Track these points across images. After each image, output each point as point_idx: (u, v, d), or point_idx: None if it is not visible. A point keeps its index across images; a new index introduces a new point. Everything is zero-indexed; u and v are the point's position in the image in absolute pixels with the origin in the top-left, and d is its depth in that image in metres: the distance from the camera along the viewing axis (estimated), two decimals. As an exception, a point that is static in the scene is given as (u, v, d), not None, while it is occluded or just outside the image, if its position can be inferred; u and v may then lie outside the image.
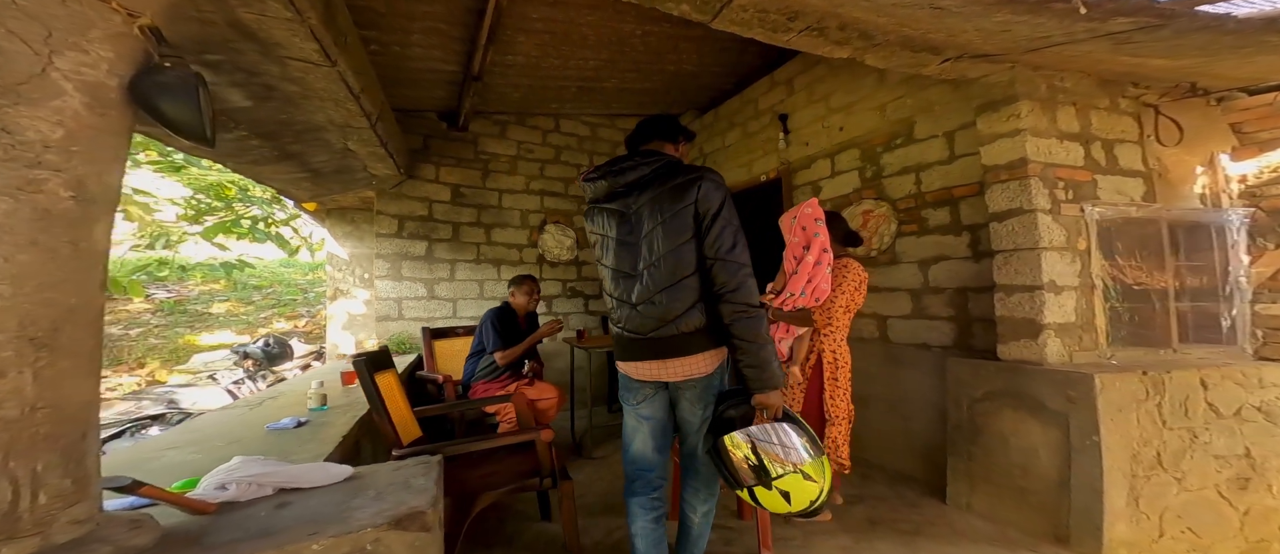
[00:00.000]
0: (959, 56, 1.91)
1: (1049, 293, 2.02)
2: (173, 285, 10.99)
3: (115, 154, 0.90)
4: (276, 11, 1.64)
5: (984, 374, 2.18)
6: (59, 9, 0.81)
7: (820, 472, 1.33)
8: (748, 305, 1.34)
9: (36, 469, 0.76)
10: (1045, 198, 2.05)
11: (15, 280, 0.76)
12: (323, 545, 0.87)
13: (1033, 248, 2.05)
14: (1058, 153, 2.09)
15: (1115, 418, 1.83)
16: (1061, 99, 2.11)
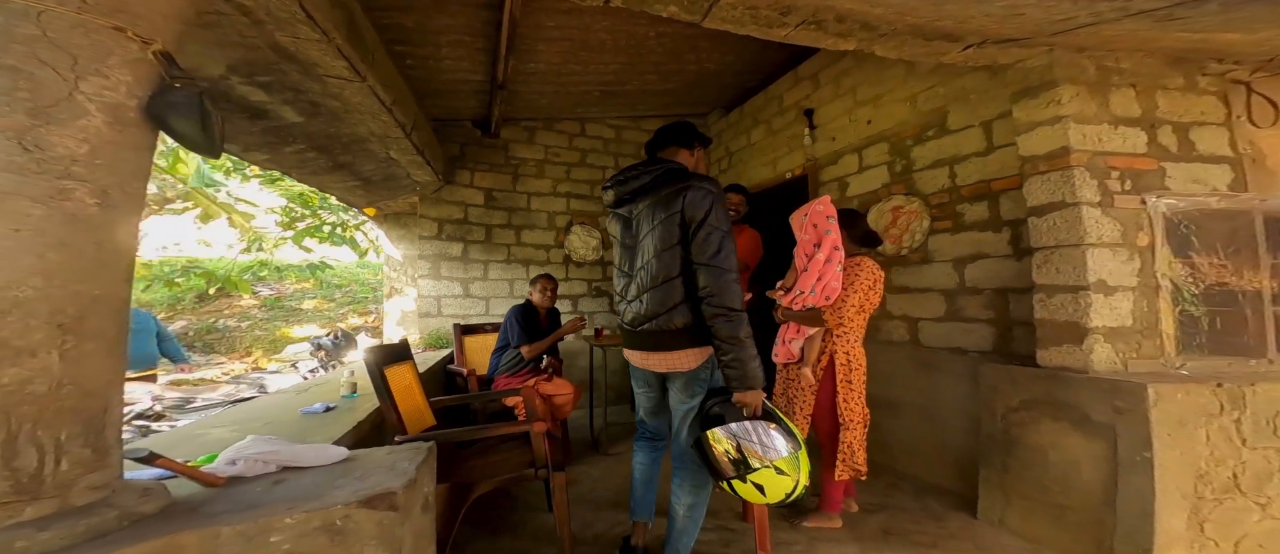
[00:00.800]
0: (981, 43, 1.75)
1: (1096, 294, 1.79)
2: (273, 284, 12.23)
3: (136, 165, 1.01)
4: (306, 34, 1.77)
5: (1021, 381, 1.97)
6: (83, 39, 0.91)
7: (794, 466, 1.38)
8: (728, 308, 1.41)
9: (60, 439, 0.86)
10: (1092, 189, 1.82)
11: (46, 275, 0.87)
12: (296, 519, 0.92)
13: (1077, 244, 1.83)
14: (1111, 140, 1.85)
15: (1175, 433, 1.59)
16: (1116, 81, 1.86)
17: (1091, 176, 1.82)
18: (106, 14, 0.94)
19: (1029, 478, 1.93)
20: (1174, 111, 1.91)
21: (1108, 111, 1.85)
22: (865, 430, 2.15)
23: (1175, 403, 1.60)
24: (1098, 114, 1.84)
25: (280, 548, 0.91)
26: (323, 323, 11.06)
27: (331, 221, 8.56)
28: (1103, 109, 1.85)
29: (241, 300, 11.46)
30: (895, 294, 2.84)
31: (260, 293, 11.80)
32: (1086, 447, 1.74)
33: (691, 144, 1.69)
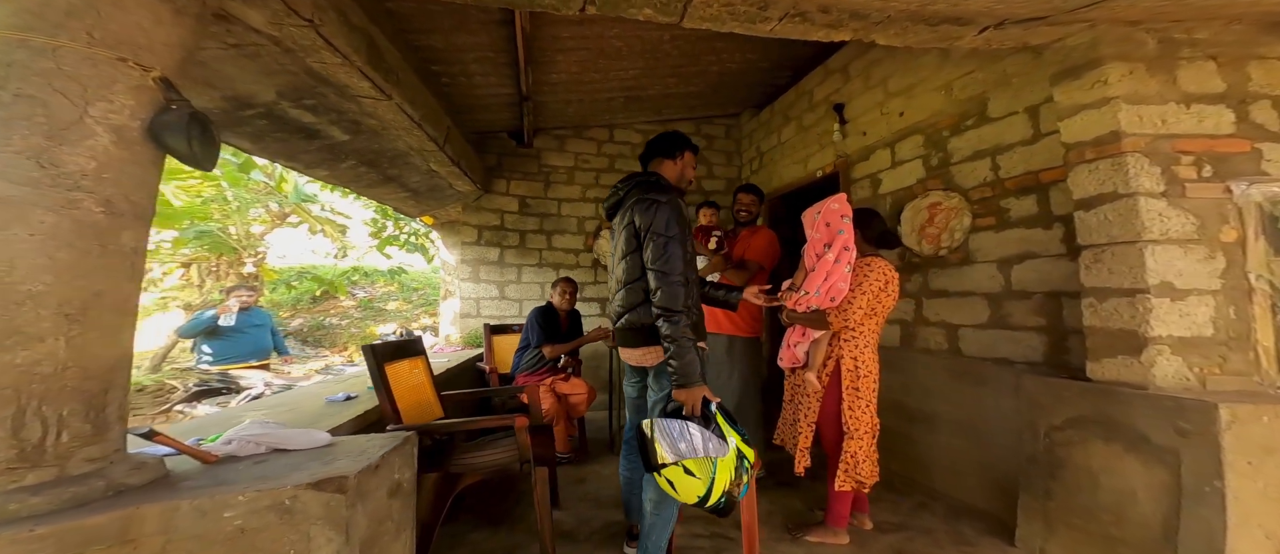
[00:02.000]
0: (999, 24, 1.51)
1: (1160, 298, 1.49)
2: (366, 287, 13.55)
3: (139, 179, 1.12)
4: (329, 59, 1.90)
5: (1067, 396, 1.68)
6: (91, 70, 1.03)
7: (706, 470, 1.36)
8: (668, 309, 1.49)
9: (62, 414, 0.97)
10: (1154, 178, 1.51)
11: (56, 272, 0.98)
12: (248, 497, 0.98)
13: (1133, 241, 1.53)
14: (1180, 120, 1.53)
15: (1259, 461, 1.28)
16: (1188, 54, 1.54)
17: (1152, 163, 1.51)
18: (111, 47, 1.05)
19: (1075, 505, 1.63)
20: (1276, 84, 1.53)
21: (1175, 89, 1.53)
22: (873, 441, 1.94)
23: (1259, 426, 1.28)
24: (1161, 93, 1.53)
25: (232, 523, 0.96)
26: (401, 322, 12.06)
27: (408, 231, 9.33)
28: (1168, 86, 1.53)
29: (342, 302, 12.78)
30: (933, 298, 2.54)
31: (356, 295, 13.09)
32: (1144, 473, 1.44)
33: (673, 153, 1.79)
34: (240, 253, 7.79)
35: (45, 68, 0.99)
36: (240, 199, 7.64)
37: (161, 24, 1.12)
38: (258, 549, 0.96)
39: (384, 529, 1.22)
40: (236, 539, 0.95)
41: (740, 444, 1.41)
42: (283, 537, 0.98)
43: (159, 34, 1.12)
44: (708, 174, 4.84)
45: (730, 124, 4.89)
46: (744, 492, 1.42)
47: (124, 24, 1.07)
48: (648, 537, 1.60)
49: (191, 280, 8.13)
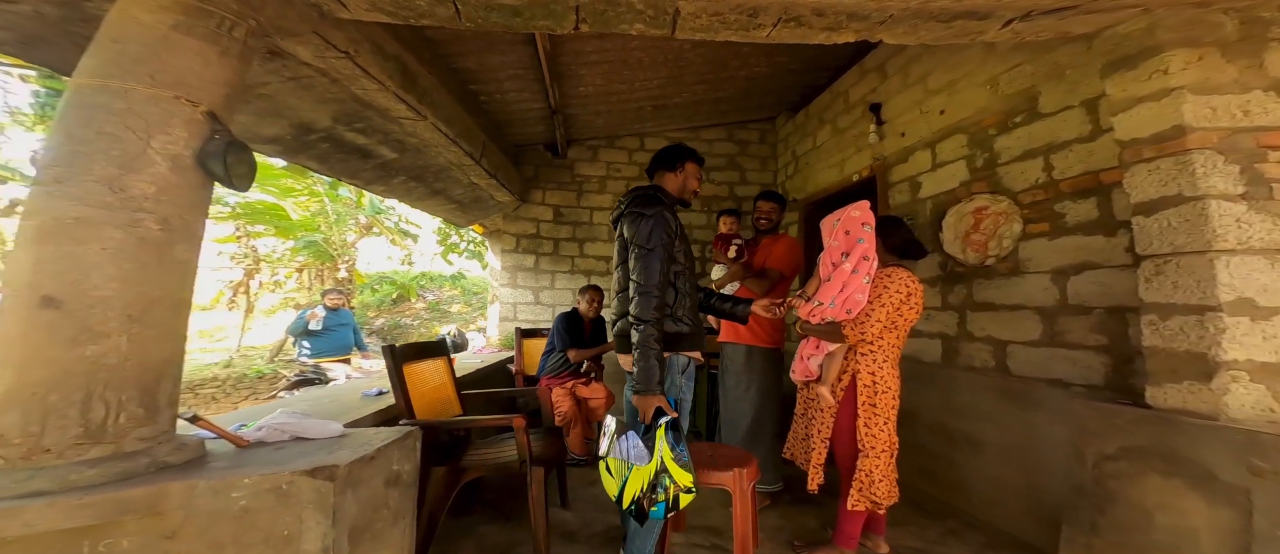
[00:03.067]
0: (1025, 16, 1.35)
1: (1237, 316, 1.26)
2: (435, 291, 14.63)
3: (192, 200, 1.29)
4: (369, 85, 2.09)
5: (1121, 423, 1.47)
6: (154, 108, 1.21)
7: (621, 471, 1.41)
8: (638, 318, 1.53)
9: (122, 400, 1.14)
10: (1228, 178, 1.29)
11: (121, 280, 1.15)
12: (252, 480, 1.09)
13: (1203, 251, 1.31)
14: (1270, 111, 1.29)
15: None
16: (1278, 33, 1.29)
17: (1228, 161, 1.28)
18: (170, 87, 1.23)
19: (1127, 544, 1.41)
20: None
21: (1262, 75, 1.29)
22: (892, 459, 1.80)
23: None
24: (1241, 80, 1.30)
25: (238, 503, 1.08)
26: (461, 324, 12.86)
27: (469, 240, 9.97)
28: (1252, 73, 1.30)
29: (414, 304, 13.87)
30: (979, 312, 2.31)
31: (426, 298, 14.16)
32: (1208, 513, 1.22)
33: (674, 165, 1.82)
34: (335, 260, 8.72)
35: (119, 108, 1.18)
36: (335, 212, 8.56)
37: (209, 65, 1.30)
38: (258, 527, 1.07)
39: (379, 516, 1.31)
40: (241, 517, 1.07)
41: (670, 465, 1.36)
42: (279, 517, 1.08)
43: (207, 74, 1.29)
44: (741, 180, 4.73)
45: (765, 129, 4.75)
46: (659, 511, 1.36)
47: (178, 67, 1.24)
48: (631, 542, 1.60)
49: (304, 283, 9.24)
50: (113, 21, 1.26)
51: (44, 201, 1.11)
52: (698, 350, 1.77)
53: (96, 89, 1.19)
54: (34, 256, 1.07)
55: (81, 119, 1.16)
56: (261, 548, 1.11)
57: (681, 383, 1.71)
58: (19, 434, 1.01)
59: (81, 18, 1.48)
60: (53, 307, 1.05)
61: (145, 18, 1.25)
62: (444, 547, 1.97)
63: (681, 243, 1.72)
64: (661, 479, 1.40)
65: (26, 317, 1.04)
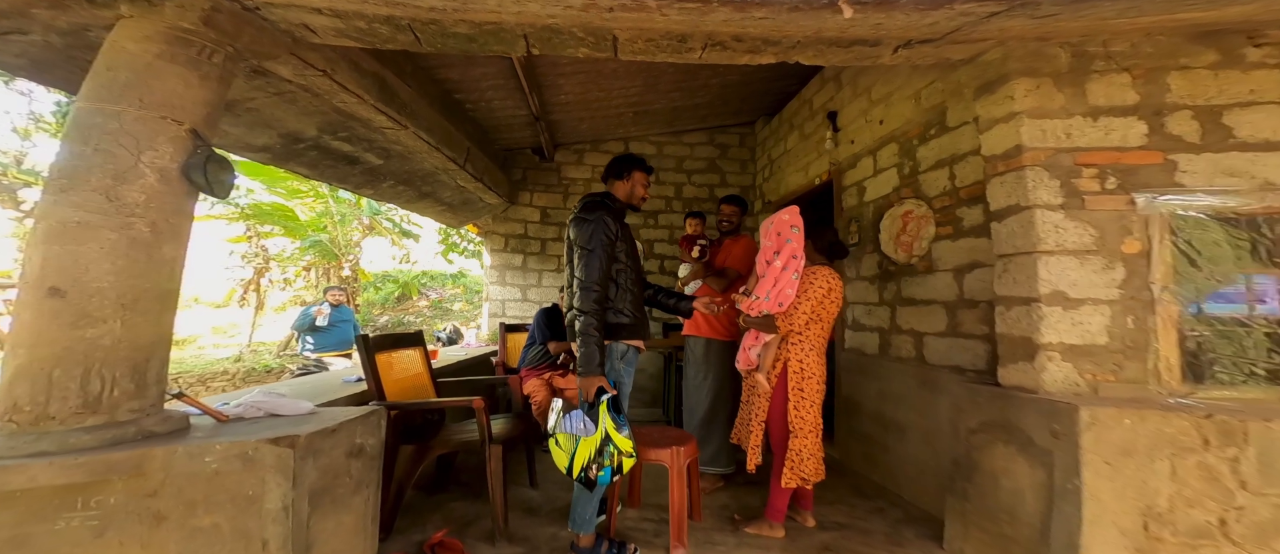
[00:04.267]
0: (907, 44, 1.51)
1: (1052, 306, 1.45)
2: (437, 289, 14.81)
3: (176, 206, 1.47)
4: (348, 99, 2.26)
5: (980, 401, 1.65)
6: (143, 127, 1.38)
7: (569, 444, 1.60)
8: (580, 310, 1.71)
9: (115, 376, 1.31)
10: (1052, 190, 1.48)
11: (116, 274, 1.33)
12: (223, 447, 1.26)
13: (1030, 252, 1.50)
14: (1086, 133, 1.48)
15: (1116, 462, 1.25)
16: (1101, 67, 1.48)
17: (1052, 176, 1.46)
18: (157, 108, 1.40)
19: (985, 506, 1.60)
20: (1196, 93, 1.43)
21: (1083, 102, 1.46)
22: (818, 438, 1.96)
23: (1120, 429, 1.23)
24: (1067, 106, 1.47)
25: (210, 466, 1.25)
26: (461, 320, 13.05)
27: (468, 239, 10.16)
28: (1076, 100, 1.48)
29: (417, 302, 14.07)
30: (904, 307, 2.46)
31: (428, 296, 14.35)
32: (1030, 474, 1.41)
33: (622, 174, 2.00)
34: (340, 259, 8.94)
35: (113, 128, 1.35)
36: (339, 213, 8.77)
37: (191, 88, 1.47)
38: (226, 488, 1.25)
39: (340, 483, 1.49)
40: (212, 479, 1.24)
41: (613, 434, 1.53)
42: (246, 479, 1.26)
43: (189, 95, 1.47)
44: (722, 182, 4.87)
45: (744, 132, 4.89)
46: (606, 476, 1.54)
47: (164, 90, 1.41)
48: (574, 507, 1.78)
49: (311, 282, 9.48)
50: (106, 51, 1.43)
51: (51, 207, 1.28)
52: (639, 339, 1.93)
53: (94, 111, 1.36)
54: (42, 254, 1.24)
55: (82, 137, 1.34)
56: (229, 506, 1.28)
57: (621, 367, 1.87)
58: (29, 403, 1.19)
59: (84, 46, 1.65)
60: (58, 296, 1.23)
61: (133, 48, 1.43)
62: (414, 518, 2.15)
63: (623, 243, 1.88)
64: (607, 447, 1.60)
65: (36, 304, 1.22)
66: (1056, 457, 1.34)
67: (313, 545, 1.40)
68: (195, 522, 1.28)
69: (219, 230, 8.35)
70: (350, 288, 8.64)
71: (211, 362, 7.87)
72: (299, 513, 1.34)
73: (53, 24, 1.57)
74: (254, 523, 1.31)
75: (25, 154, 6.35)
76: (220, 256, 8.69)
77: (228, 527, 1.30)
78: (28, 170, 6.05)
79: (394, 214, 9.93)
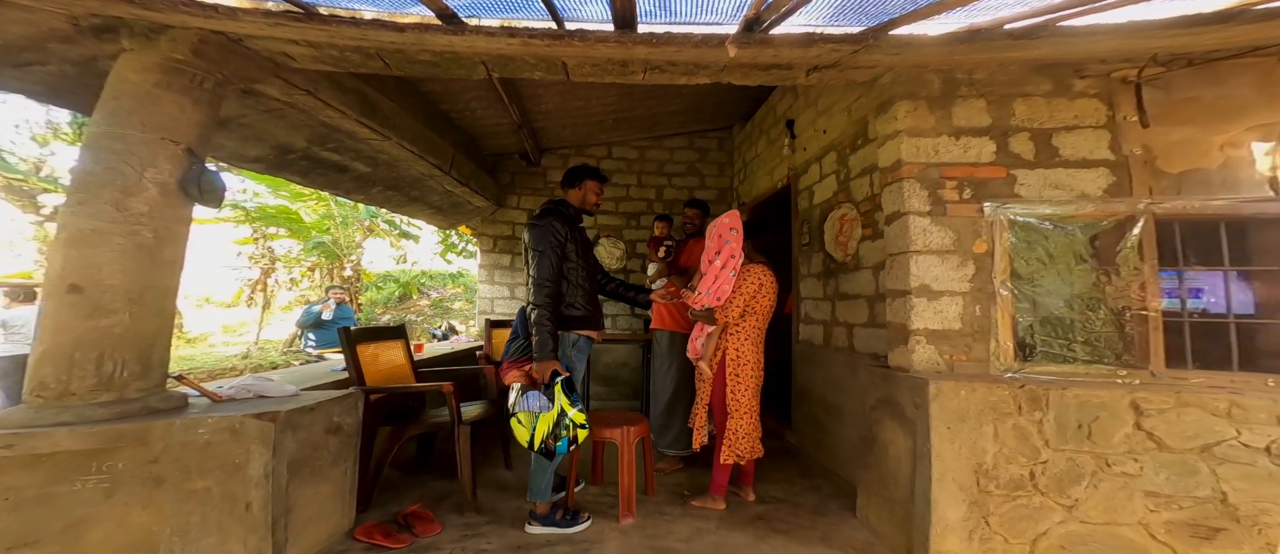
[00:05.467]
0: (815, 69, 1.69)
1: (919, 298, 1.67)
2: (438, 288, 15.05)
3: (176, 215, 1.68)
4: (332, 114, 2.47)
5: (877, 381, 1.87)
6: (145, 148, 1.59)
7: (530, 421, 1.83)
8: (535, 304, 1.93)
9: (125, 360, 1.53)
10: (922, 199, 1.68)
11: (124, 273, 1.54)
12: (213, 420, 1.47)
13: (904, 252, 1.70)
14: (949, 150, 1.69)
15: (955, 427, 1.46)
16: (965, 93, 1.69)
17: (922, 187, 1.67)
18: (156, 131, 1.61)
19: (880, 474, 1.81)
20: (1035, 117, 1.65)
21: (949, 123, 1.67)
22: (754, 420, 2.15)
23: (956, 399, 1.44)
24: (936, 126, 1.68)
25: (202, 437, 1.46)
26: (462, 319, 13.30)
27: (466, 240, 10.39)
28: (943, 121, 1.68)
29: (418, 302, 14.32)
30: (841, 301, 2.65)
31: (429, 296, 14.59)
32: (905, 442, 1.61)
33: (575, 182, 2.19)
34: (342, 259, 9.19)
35: (120, 149, 1.56)
36: (341, 215, 9.01)
37: (185, 111, 1.68)
38: (216, 456, 1.46)
39: (319, 455, 1.69)
40: (204, 448, 1.45)
41: (567, 409, 1.73)
42: (233, 449, 1.47)
43: (184, 118, 1.67)
44: (701, 184, 5.05)
45: (723, 137, 5.06)
46: (563, 446, 1.74)
47: (161, 115, 1.62)
48: (532, 479, 1.99)
49: (315, 282, 9.75)
50: (112, 81, 1.64)
51: (70, 217, 1.50)
52: (591, 329, 2.13)
53: (104, 134, 1.57)
54: (63, 256, 1.46)
55: (94, 157, 1.55)
56: (218, 472, 1.49)
57: (573, 354, 2.07)
58: (53, 381, 1.41)
59: (94, 74, 1.86)
60: (76, 292, 1.44)
61: (134, 78, 1.63)
62: (394, 494, 2.35)
63: (574, 244, 2.07)
64: (563, 421, 1.80)
65: (59, 298, 1.43)
66: (917, 425, 1.55)
67: (292, 509, 1.62)
68: (190, 485, 1.49)
69: (227, 233, 8.61)
70: (353, 288, 8.89)
71: (221, 358, 8.13)
72: (278, 479, 1.55)
73: (66, 56, 1.78)
74: (239, 487, 1.52)
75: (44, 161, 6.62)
76: (229, 258, 8.96)
77: (217, 490, 1.51)
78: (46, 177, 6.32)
79: (392, 216, 10.17)
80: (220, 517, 1.50)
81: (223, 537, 1.51)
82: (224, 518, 1.51)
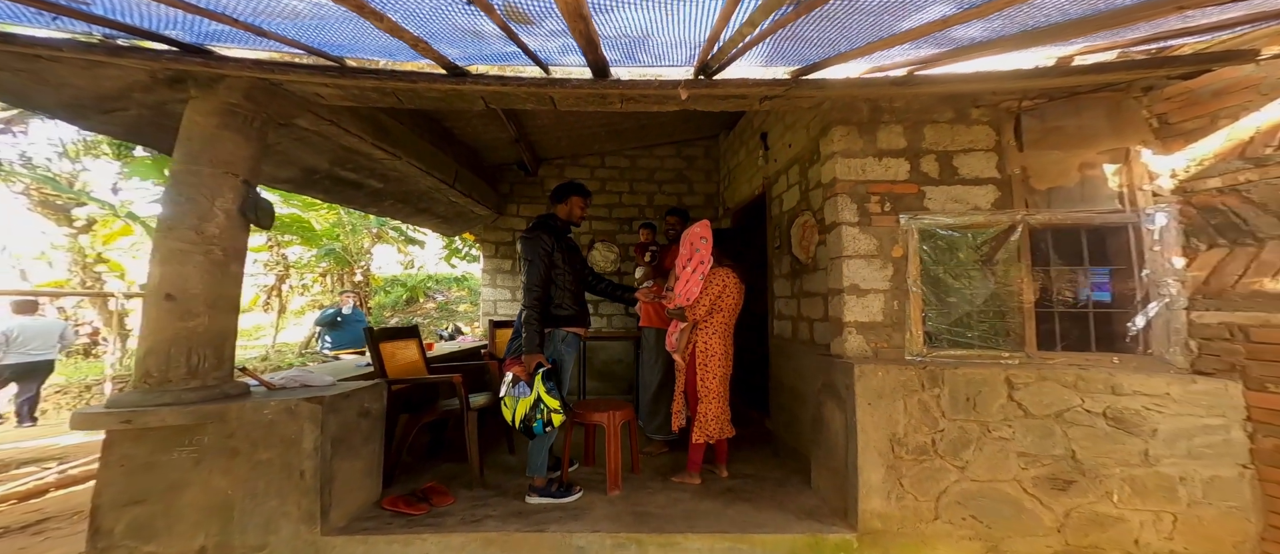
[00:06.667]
0: (765, 97, 2.08)
1: (850, 296, 2.03)
2: (444, 292, 15.55)
3: (238, 236, 2.09)
4: (350, 139, 2.88)
5: (822, 366, 2.24)
6: (213, 181, 2.01)
7: (511, 404, 2.18)
8: (525, 305, 2.31)
9: (205, 354, 1.94)
10: (852, 212, 2.05)
11: (204, 285, 1.96)
12: (276, 402, 1.89)
13: (839, 256, 2.08)
14: (873, 170, 2.06)
15: (874, 403, 1.82)
16: (887, 119, 2.05)
17: (853, 201, 2.02)
18: (221, 166, 2.02)
19: (825, 448, 2.17)
20: (940, 142, 2.00)
21: (874, 146, 2.03)
22: (722, 404, 2.52)
23: (876, 379, 1.79)
24: (865, 148, 2.04)
25: (267, 416, 1.87)
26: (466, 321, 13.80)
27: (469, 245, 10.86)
28: (870, 144, 2.04)
29: (424, 305, 14.83)
30: (804, 298, 3.02)
31: (435, 299, 15.10)
32: (841, 418, 1.97)
33: (562, 198, 2.55)
34: (353, 265, 9.70)
35: (195, 183, 1.98)
36: (350, 223, 9.51)
37: (240, 148, 2.09)
38: (277, 431, 1.87)
39: (354, 435, 2.11)
40: (268, 425, 1.87)
41: (544, 397, 2.13)
42: (289, 425, 1.88)
43: (240, 153, 2.09)
44: (689, 190, 5.43)
45: (709, 145, 5.44)
46: (538, 426, 2.13)
47: (224, 152, 2.03)
48: (530, 457, 2.36)
49: (327, 287, 10.27)
50: (184, 125, 2.06)
51: (162, 240, 1.92)
52: (578, 327, 2.52)
53: (182, 171, 2.00)
54: (160, 271, 1.88)
55: (178, 191, 1.97)
56: (279, 445, 1.90)
57: (562, 349, 2.46)
58: (155, 371, 1.83)
59: (165, 116, 2.29)
60: (170, 300, 1.86)
61: (201, 121, 2.05)
62: (412, 474, 2.76)
63: (561, 253, 2.46)
64: (539, 406, 2.18)
65: (157, 305, 1.85)
66: (847, 403, 1.91)
67: (334, 479, 2.03)
68: (257, 456, 1.91)
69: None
70: (363, 292, 9.39)
71: (240, 361, 8.65)
72: (324, 453, 1.96)
73: (144, 102, 2.21)
74: (295, 458, 1.93)
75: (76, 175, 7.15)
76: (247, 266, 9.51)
77: (278, 460, 1.92)
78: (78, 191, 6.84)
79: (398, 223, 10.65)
80: (280, 483, 1.92)
81: (282, 500, 1.92)
82: (283, 484, 1.92)
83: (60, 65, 1.76)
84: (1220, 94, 1.65)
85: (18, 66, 1.75)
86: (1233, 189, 1.59)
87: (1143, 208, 1.79)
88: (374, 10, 1.51)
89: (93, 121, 2.23)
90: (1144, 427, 1.67)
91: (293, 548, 1.91)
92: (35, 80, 1.86)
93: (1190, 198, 1.73)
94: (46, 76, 1.84)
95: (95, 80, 1.94)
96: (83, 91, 1.97)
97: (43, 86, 1.90)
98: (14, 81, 1.84)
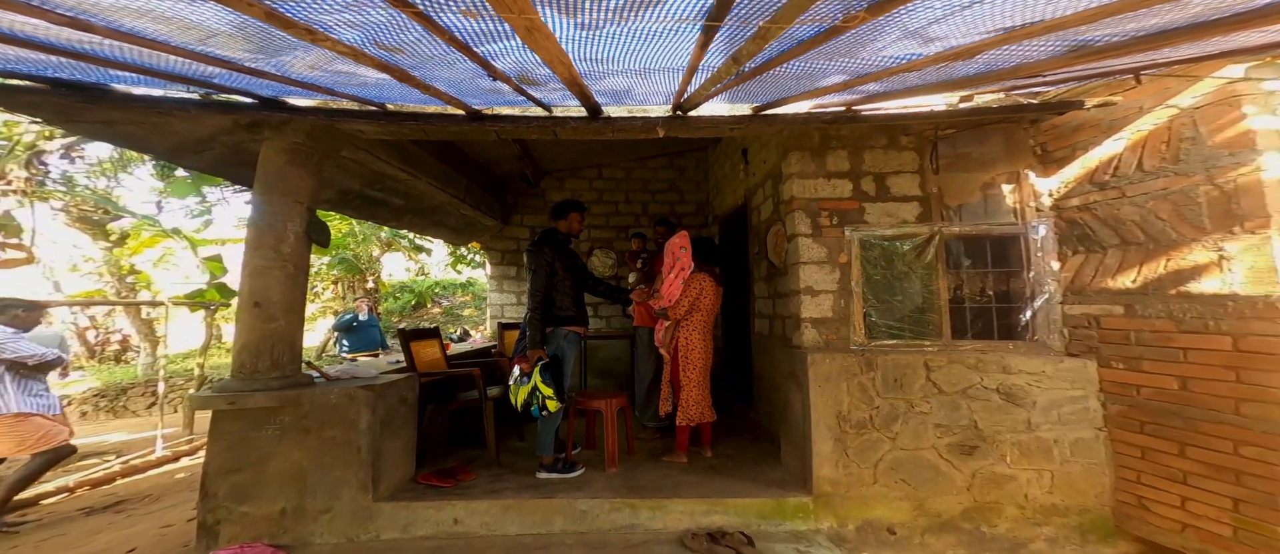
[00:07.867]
0: (734, 126, 2.60)
1: (806, 296, 2.51)
2: (450, 297, 16.09)
3: (304, 254, 2.60)
4: (380, 165, 3.41)
5: (785, 357, 2.71)
6: (285, 208, 2.53)
7: (516, 391, 2.63)
8: (528, 309, 2.73)
9: (284, 351, 2.45)
10: (807, 225, 2.54)
11: (281, 294, 2.46)
12: (339, 389, 2.41)
13: (797, 262, 2.56)
14: (824, 188, 2.54)
15: (823, 386, 2.30)
16: (834, 144, 2.54)
17: (807, 216, 2.52)
18: (291, 195, 2.54)
19: (789, 427, 2.65)
20: (876, 165, 2.49)
21: (824, 168, 2.53)
22: (703, 392, 3.03)
23: (825, 365, 2.28)
24: (816, 170, 2.54)
25: (331, 400, 2.39)
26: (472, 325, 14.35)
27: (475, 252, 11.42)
28: (820, 166, 2.53)
29: (431, 309, 15.39)
30: (778, 298, 3.52)
31: (441, 304, 15.66)
32: (799, 400, 2.46)
33: (562, 214, 3.01)
34: (364, 273, 10.27)
35: (271, 210, 2.52)
36: (361, 233, 10.10)
37: (304, 180, 2.59)
38: (339, 413, 2.37)
39: (396, 418, 2.62)
40: (333, 408, 2.37)
41: (540, 386, 2.62)
42: (349, 408, 2.39)
43: (304, 184, 2.59)
44: (681, 200, 5.94)
45: (700, 157, 5.95)
46: (537, 411, 2.63)
47: (292, 183, 2.54)
48: (539, 438, 2.83)
49: (338, 294, 10.86)
50: (261, 162, 2.56)
51: (250, 257, 2.43)
52: (578, 326, 3.03)
53: (262, 200, 2.51)
54: (249, 283, 2.40)
55: (259, 215, 2.48)
56: (341, 425, 2.41)
57: (564, 345, 2.94)
58: (248, 363, 2.35)
59: (241, 152, 2.78)
60: (258, 307, 2.39)
61: (274, 158, 2.57)
62: (437, 459, 3.27)
63: (562, 262, 2.95)
64: (536, 393, 2.67)
65: (248, 311, 2.38)
66: (804, 386, 2.37)
67: (381, 455, 2.53)
68: (325, 434, 2.42)
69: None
70: (373, 298, 9.97)
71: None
72: (375, 432, 2.48)
73: (226, 143, 2.72)
74: (353, 436, 2.44)
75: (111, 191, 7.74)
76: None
77: (340, 437, 2.44)
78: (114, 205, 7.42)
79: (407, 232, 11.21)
80: (342, 456, 2.43)
81: (344, 470, 2.43)
82: (345, 457, 2.43)
83: (174, 119, 2.31)
84: (1078, 129, 2.15)
85: (142, 120, 2.29)
86: (1086, 207, 2.08)
87: (1029, 221, 2.29)
88: (424, 82, 2.05)
89: (187, 160, 2.77)
90: (1027, 399, 2.16)
91: (352, 511, 2.42)
92: (154, 131, 2.39)
93: (1062, 213, 2.23)
94: (162, 128, 2.39)
95: (193, 128, 2.47)
96: (184, 137, 2.51)
97: (157, 135, 2.45)
98: (138, 132, 2.38)
